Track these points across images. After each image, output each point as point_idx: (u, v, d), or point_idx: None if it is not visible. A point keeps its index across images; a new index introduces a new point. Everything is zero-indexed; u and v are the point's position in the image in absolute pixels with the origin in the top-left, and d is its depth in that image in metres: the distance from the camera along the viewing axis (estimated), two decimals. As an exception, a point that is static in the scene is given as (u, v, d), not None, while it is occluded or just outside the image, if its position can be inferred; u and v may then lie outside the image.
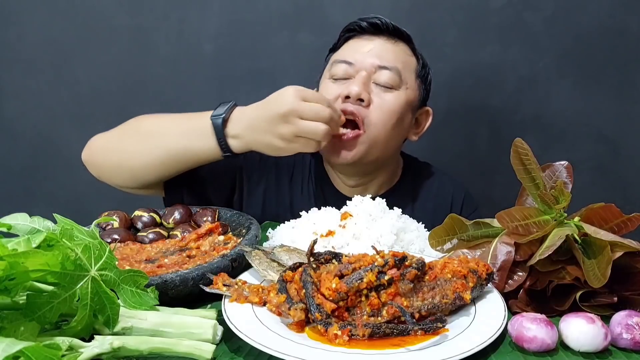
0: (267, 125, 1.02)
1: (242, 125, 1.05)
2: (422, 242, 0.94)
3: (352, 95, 1.14)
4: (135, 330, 0.61)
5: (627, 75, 1.73)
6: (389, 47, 1.21)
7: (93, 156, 1.19)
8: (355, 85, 1.14)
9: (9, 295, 0.56)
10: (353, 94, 1.14)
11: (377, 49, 1.20)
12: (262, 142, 1.05)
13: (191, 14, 1.76)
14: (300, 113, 1.00)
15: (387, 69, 1.18)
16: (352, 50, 1.22)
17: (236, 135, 1.06)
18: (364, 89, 1.15)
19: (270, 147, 1.05)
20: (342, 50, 1.24)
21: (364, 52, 1.19)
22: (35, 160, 1.87)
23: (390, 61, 1.19)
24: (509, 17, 1.70)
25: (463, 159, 1.80)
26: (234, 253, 0.81)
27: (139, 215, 1.01)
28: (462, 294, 0.69)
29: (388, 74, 1.17)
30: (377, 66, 1.18)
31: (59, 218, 0.62)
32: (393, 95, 1.19)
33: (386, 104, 1.17)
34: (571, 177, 0.84)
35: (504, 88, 1.75)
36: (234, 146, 1.06)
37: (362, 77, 1.16)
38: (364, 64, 1.18)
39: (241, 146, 1.07)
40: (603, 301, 0.72)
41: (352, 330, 0.62)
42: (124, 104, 1.82)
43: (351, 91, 1.14)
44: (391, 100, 1.18)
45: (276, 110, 1.01)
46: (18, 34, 1.78)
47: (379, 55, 1.19)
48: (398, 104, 1.19)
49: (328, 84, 1.21)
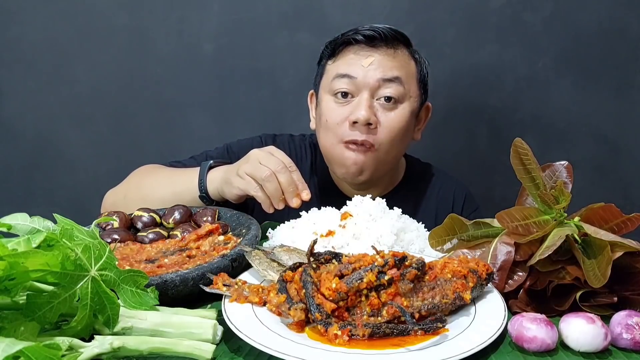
0: (233, 167, 1.09)
1: (217, 174, 1.13)
2: (422, 242, 0.94)
3: (360, 121, 1.16)
4: (135, 330, 0.61)
5: (627, 75, 1.73)
6: (390, 58, 1.20)
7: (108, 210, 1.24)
8: (362, 110, 1.16)
9: (9, 295, 0.56)
10: (361, 119, 1.16)
11: (378, 61, 1.19)
12: (223, 178, 1.09)
13: (191, 14, 1.76)
14: (261, 158, 1.04)
15: (391, 82, 1.18)
16: (352, 62, 1.20)
17: (212, 180, 1.12)
18: (371, 113, 1.17)
19: (227, 182, 1.08)
20: (342, 62, 1.22)
21: (366, 66, 1.18)
22: (35, 160, 1.87)
23: (393, 73, 1.19)
24: (508, 17, 1.70)
25: (463, 158, 1.80)
26: (234, 253, 0.81)
27: (139, 215, 1.01)
28: (462, 294, 0.69)
29: (392, 87, 1.18)
30: (380, 80, 1.18)
31: (59, 218, 0.62)
32: (399, 111, 1.20)
33: (393, 122, 1.20)
34: (571, 177, 0.84)
35: (503, 88, 1.75)
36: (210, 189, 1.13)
37: (367, 100, 1.17)
38: (367, 79, 1.18)
39: (213, 188, 1.12)
40: (603, 301, 0.72)
41: (352, 330, 0.62)
42: (124, 104, 1.83)
43: (359, 117, 1.16)
44: (397, 117, 1.20)
45: (245, 156, 1.08)
46: (18, 34, 1.78)
47: (381, 69, 1.18)
48: (404, 119, 1.21)
49: (331, 104, 1.22)
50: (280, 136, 1.42)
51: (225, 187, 1.09)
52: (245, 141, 1.38)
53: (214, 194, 1.12)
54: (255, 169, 1.03)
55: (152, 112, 1.83)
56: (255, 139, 1.39)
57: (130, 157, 1.85)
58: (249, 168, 1.04)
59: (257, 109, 1.81)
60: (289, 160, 1.04)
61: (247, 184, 1.03)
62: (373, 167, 1.22)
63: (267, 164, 1.02)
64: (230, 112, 1.81)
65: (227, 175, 1.08)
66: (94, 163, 1.86)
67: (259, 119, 1.80)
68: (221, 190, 1.10)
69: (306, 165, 1.37)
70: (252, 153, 1.06)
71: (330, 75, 1.23)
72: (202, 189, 1.12)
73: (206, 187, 1.12)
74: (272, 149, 1.07)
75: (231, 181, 1.06)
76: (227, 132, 1.80)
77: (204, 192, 1.12)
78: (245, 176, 1.04)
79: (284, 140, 1.41)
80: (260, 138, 1.40)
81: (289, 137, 1.42)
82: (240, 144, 1.37)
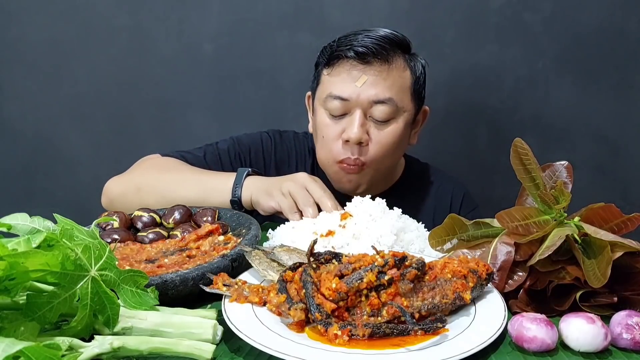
0: (276, 181, 1.10)
1: (255, 183, 1.12)
2: (422, 242, 0.94)
3: (352, 140, 1.18)
4: (135, 330, 0.61)
5: (627, 75, 1.73)
6: (384, 76, 1.19)
7: (113, 203, 1.21)
8: (354, 129, 1.17)
9: (9, 295, 0.56)
10: (353, 139, 1.18)
11: (371, 82, 1.18)
12: (263, 189, 1.09)
13: (191, 14, 1.76)
14: (308, 185, 1.05)
15: (384, 103, 1.18)
16: (345, 82, 1.19)
17: (248, 187, 1.12)
18: (363, 132, 1.18)
19: (267, 194, 1.08)
20: (336, 80, 1.21)
21: (359, 86, 1.18)
22: (35, 160, 1.87)
23: (385, 95, 1.18)
24: (508, 17, 1.70)
25: (462, 159, 1.80)
26: (234, 253, 0.81)
27: (139, 215, 1.01)
28: (462, 294, 0.69)
29: (384, 109, 1.19)
30: (372, 102, 1.18)
31: (59, 218, 0.62)
32: (391, 127, 1.21)
33: (386, 139, 1.21)
34: (571, 177, 0.84)
35: (503, 88, 1.75)
36: (244, 195, 1.11)
37: (359, 119, 1.18)
38: (360, 98, 1.18)
39: (247, 194, 1.11)
40: (603, 301, 0.72)
41: (352, 330, 0.62)
42: (124, 104, 1.83)
43: (351, 137, 1.18)
44: (390, 133, 1.21)
45: (291, 175, 1.10)
46: (18, 34, 1.78)
47: (373, 90, 1.17)
48: (397, 134, 1.22)
49: (325, 119, 1.22)
50: (285, 132, 1.43)
51: (263, 198, 1.08)
52: (253, 135, 1.39)
53: (246, 201, 1.11)
54: (300, 193, 1.04)
55: (152, 112, 1.83)
56: (263, 134, 1.40)
57: (130, 157, 1.83)
58: (294, 189, 1.04)
59: (257, 109, 1.81)
60: (331, 195, 1.06)
61: (289, 205, 1.04)
62: (369, 181, 1.26)
63: (312, 191, 1.04)
64: (230, 112, 1.81)
65: (269, 187, 1.09)
66: (94, 163, 1.86)
67: (259, 119, 1.80)
68: (256, 200, 1.10)
69: (307, 165, 1.38)
70: (300, 176, 1.08)
71: (325, 90, 1.22)
72: (237, 193, 1.11)
73: (241, 193, 1.11)
74: (319, 180, 1.09)
75: (273, 194, 1.07)
76: (227, 132, 1.78)
77: (237, 197, 1.11)
78: (289, 196, 1.05)
79: (289, 137, 1.41)
80: (267, 133, 1.40)
81: (294, 134, 1.43)
82: (250, 138, 1.37)
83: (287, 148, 1.39)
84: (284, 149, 1.38)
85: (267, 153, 1.36)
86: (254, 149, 1.35)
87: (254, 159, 1.33)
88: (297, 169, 1.33)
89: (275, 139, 1.38)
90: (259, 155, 1.35)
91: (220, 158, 1.30)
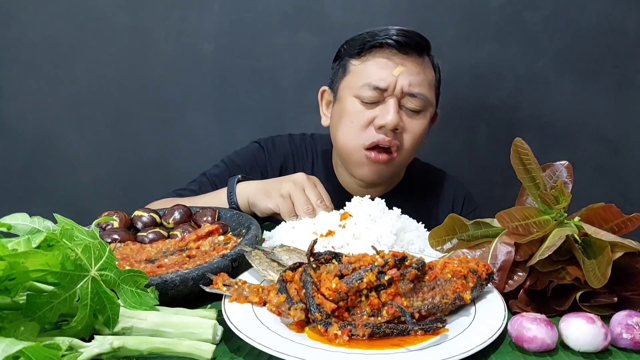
0: (275, 182, 1.11)
1: (249, 186, 1.14)
2: (422, 242, 0.94)
3: (387, 126, 1.18)
4: (135, 330, 0.61)
5: (626, 74, 1.73)
6: (419, 69, 1.21)
7: None
8: (390, 115, 1.18)
9: (9, 295, 0.56)
10: (389, 124, 1.18)
11: (408, 72, 1.19)
12: (261, 190, 1.10)
13: (191, 13, 1.76)
14: (306, 187, 1.06)
15: (418, 94, 1.20)
16: (381, 70, 1.20)
17: (242, 192, 1.14)
18: (399, 118, 1.19)
19: (266, 194, 1.09)
20: (373, 67, 1.21)
21: (396, 75, 1.18)
22: (35, 160, 1.86)
23: (419, 87, 1.20)
24: (508, 16, 1.70)
25: (463, 158, 1.80)
26: (234, 253, 0.81)
27: (139, 215, 1.01)
28: (462, 294, 0.69)
29: (416, 100, 1.20)
30: (406, 92, 1.19)
31: (59, 218, 0.62)
32: (421, 118, 1.23)
33: (416, 129, 1.23)
34: (571, 177, 0.84)
35: (503, 87, 1.75)
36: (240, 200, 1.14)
37: (395, 106, 1.19)
38: (395, 88, 1.19)
39: (243, 199, 1.13)
40: (603, 301, 0.72)
41: (352, 330, 0.62)
42: (124, 103, 1.82)
43: (387, 122, 1.18)
44: (420, 125, 1.23)
45: (289, 176, 1.10)
46: (18, 34, 1.78)
47: (409, 80, 1.19)
48: (425, 126, 1.25)
49: (357, 106, 1.22)
50: (279, 137, 1.42)
51: (261, 199, 1.09)
52: (244, 151, 1.39)
53: (243, 205, 1.12)
54: (298, 196, 1.04)
55: (152, 112, 1.83)
56: (254, 146, 1.39)
57: (130, 157, 1.85)
58: (294, 192, 1.05)
59: (257, 109, 1.81)
60: (327, 197, 1.07)
61: (288, 209, 1.05)
62: (390, 174, 1.28)
63: (310, 195, 1.05)
64: (230, 112, 1.81)
65: (268, 188, 1.09)
66: (94, 163, 1.86)
67: (259, 119, 1.80)
68: (253, 201, 1.11)
69: (306, 165, 1.38)
70: (299, 177, 1.08)
71: (359, 79, 1.22)
72: (232, 201, 1.13)
73: (236, 200, 1.13)
74: (316, 180, 1.09)
75: (271, 195, 1.07)
76: (227, 132, 1.80)
77: (234, 205, 1.13)
78: (288, 198, 1.05)
79: (284, 140, 1.40)
80: (259, 144, 1.39)
81: (289, 136, 1.42)
82: (241, 156, 1.37)
83: (282, 153, 1.38)
84: (278, 155, 1.38)
85: (261, 164, 1.37)
86: (248, 165, 1.35)
87: (250, 174, 1.33)
88: (295, 171, 1.32)
89: (268, 148, 1.38)
90: (254, 170, 1.35)
91: (215, 184, 1.30)
